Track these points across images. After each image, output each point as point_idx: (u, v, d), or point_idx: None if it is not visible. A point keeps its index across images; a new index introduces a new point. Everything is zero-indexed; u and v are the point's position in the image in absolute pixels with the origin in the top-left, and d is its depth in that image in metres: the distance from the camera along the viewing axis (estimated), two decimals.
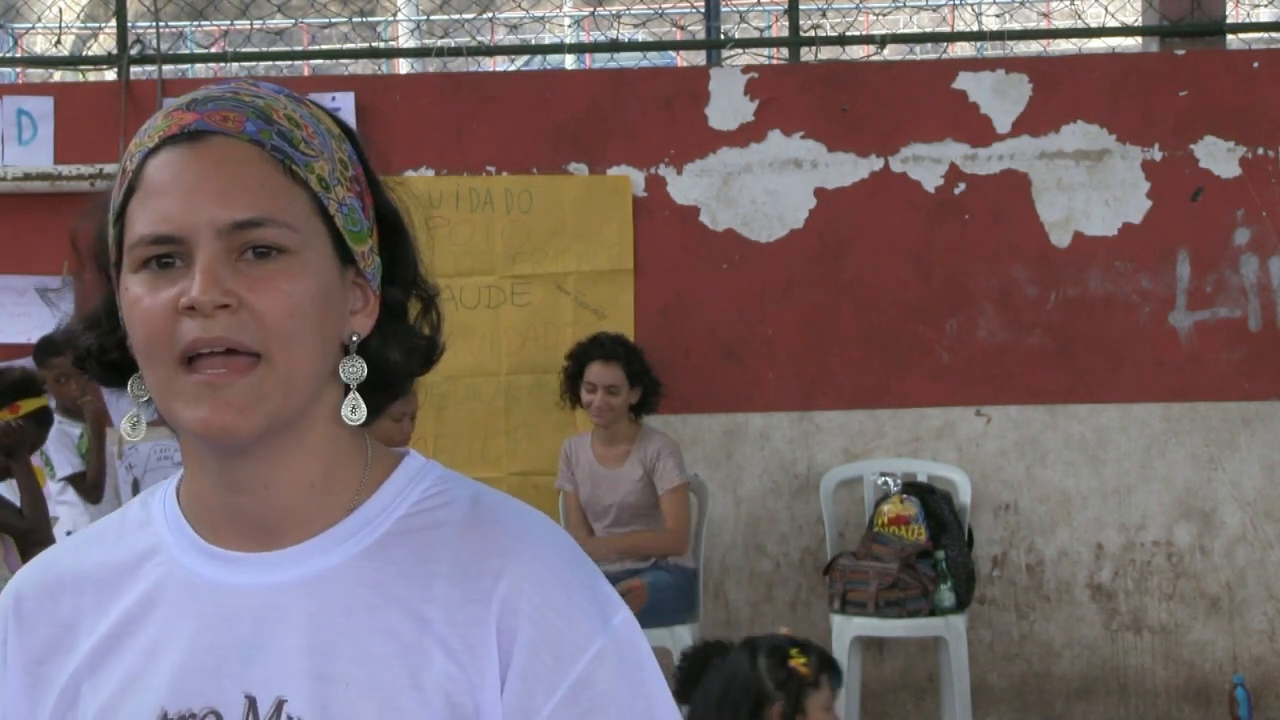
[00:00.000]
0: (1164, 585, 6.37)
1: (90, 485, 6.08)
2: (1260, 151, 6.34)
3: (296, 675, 1.37)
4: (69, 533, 5.82)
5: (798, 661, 3.70)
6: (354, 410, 1.42)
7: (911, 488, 6.08)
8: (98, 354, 1.44)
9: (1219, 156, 6.35)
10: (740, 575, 6.40)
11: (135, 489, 6.34)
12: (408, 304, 1.47)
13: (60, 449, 6.02)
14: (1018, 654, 6.39)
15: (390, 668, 1.37)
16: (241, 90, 1.42)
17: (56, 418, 5.90)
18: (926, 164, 6.37)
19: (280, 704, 1.37)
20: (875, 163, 6.38)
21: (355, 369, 1.42)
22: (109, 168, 6.30)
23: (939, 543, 5.97)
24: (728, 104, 6.39)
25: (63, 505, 6.04)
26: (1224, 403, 6.34)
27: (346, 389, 1.43)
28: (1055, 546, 6.38)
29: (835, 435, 6.38)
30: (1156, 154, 6.36)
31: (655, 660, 1.44)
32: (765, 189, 6.38)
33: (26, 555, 6.05)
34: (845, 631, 5.92)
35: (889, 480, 6.12)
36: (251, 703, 1.37)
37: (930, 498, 6.06)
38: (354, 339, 1.42)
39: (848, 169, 6.38)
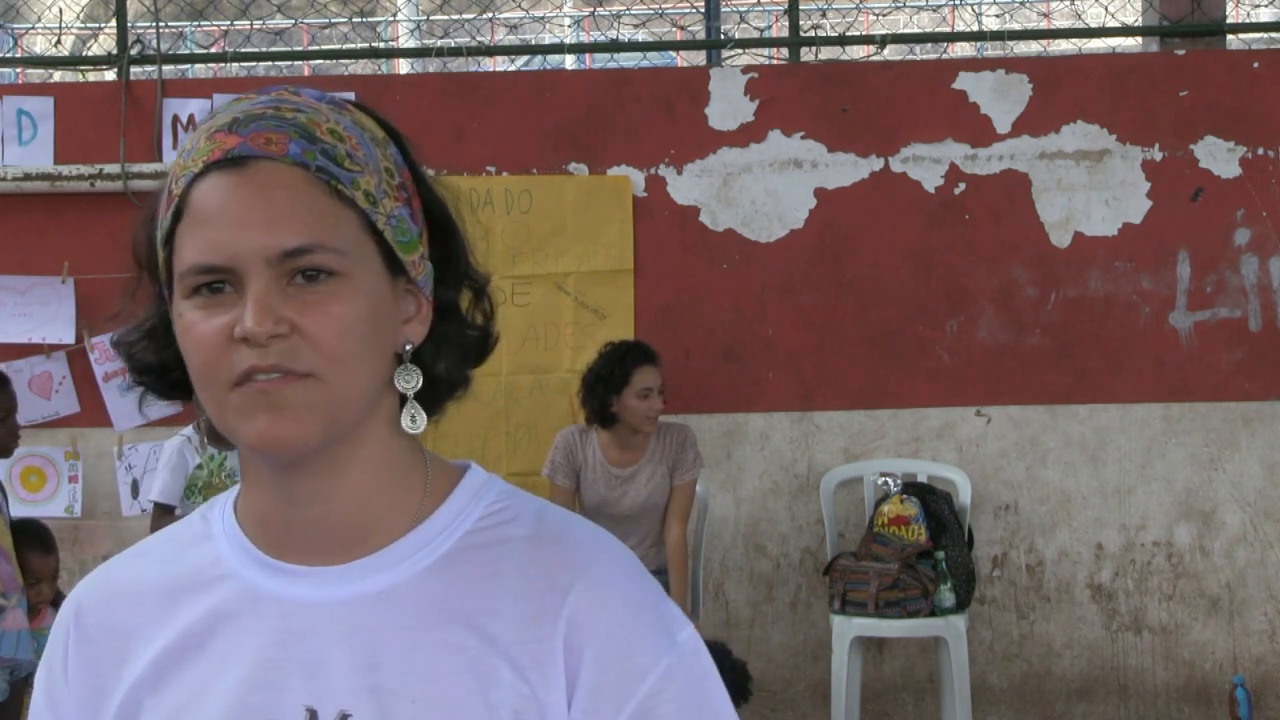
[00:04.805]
0: (1164, 585, 6.36)
1: None
2: (1260, 151, 6.34)
3: (360, 690, 1.37)
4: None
5: None
6: (414, 420, 1.41)
7: (911, 488, 6.08)
8: (158, 371, 1.43)
9: (1219, 156, 6.34)
10: (740, 575, 6.40)
11: (135, 489, 6.33)
12: (459, 300, 1.46)
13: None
14: (1018, 654, 6.38)
15: (458, 684, 1.36)
16: (283, 104, 1.40)
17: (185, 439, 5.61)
18: (926, 164, 6.37)
19: (344, 718, 1.36)
20: (875, 163, 6.38)
21: (410, 379, 1.41)
22: (109, 168, 6.29)
23: (939, 543, 5.97)
24: (728, 104, 6.39)
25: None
26: (1224, 403, 6.33)
27: (403, 398, 1.42)
28: (1055, 547, 6.37)
29: (835, 435, 6.38)
30: (1156, 154, 6.35)
31: (719, 675, 1.44)
32: (765, 189, 6.37)
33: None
34: (845, 631, 5.91)
35: (889, 480, 6.11)
36: (313, 715, 1.37)
37: (930, 498, 6.05)
38: (408, 348, 1.41)
39: (848, 169, 6.38)
